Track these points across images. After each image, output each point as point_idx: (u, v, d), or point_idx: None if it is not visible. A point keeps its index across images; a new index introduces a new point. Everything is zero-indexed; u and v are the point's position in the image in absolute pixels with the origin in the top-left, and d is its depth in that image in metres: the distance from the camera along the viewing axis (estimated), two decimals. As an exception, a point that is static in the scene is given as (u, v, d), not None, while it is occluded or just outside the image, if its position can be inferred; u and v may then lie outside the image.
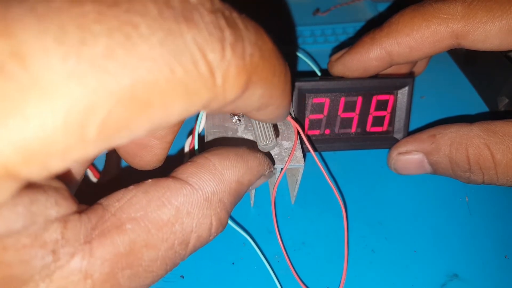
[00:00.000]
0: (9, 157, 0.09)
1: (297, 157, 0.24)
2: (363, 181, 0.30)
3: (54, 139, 0.09)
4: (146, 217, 0.15)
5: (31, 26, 0.09)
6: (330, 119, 0.30)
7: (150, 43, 0.10)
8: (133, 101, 0.10)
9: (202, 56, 0.11)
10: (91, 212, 0.14)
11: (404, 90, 0.30)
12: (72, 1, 0.10)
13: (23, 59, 0.09)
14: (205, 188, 0.16)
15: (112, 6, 0.10)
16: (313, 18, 0.44)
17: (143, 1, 0.10)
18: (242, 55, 0.12)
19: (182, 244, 0.16)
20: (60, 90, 0.09)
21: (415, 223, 0.28)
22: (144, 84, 0.10)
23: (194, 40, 0.11)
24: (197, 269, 0.25)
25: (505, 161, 0.24)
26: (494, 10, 0.24)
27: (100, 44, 0.10)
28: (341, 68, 0.29)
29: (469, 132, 0.25)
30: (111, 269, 0.14)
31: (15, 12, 0.09)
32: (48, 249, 0.13)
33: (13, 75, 0.09)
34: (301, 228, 0.27)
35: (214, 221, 0.17)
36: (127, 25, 0.10)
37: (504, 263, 0.26)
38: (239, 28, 0.12)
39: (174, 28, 0.10)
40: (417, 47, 0.26)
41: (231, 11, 0.12)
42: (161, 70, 0.10)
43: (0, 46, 0.09)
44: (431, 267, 0.26)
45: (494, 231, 0.28)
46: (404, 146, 0.28)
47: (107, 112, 0.10)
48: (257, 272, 0.25)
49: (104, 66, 0.10)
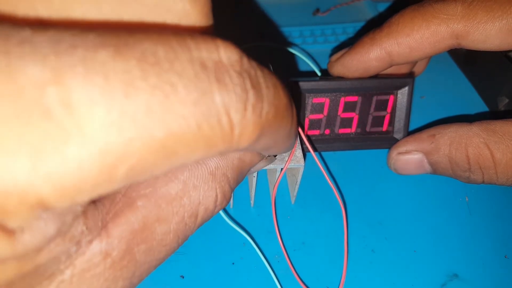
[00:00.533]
0: (44, 191, 0.10)
1: (297, 157, 0.24)
2: (363, 181, 0.30)
3: (86, 179, 0.10)
4: (155, 192, 0.16)
5: (79, 76, 0.10)
6: (330, 119, 0.30)
7: (185, 103, 0.11)
8: (162, 151, 0.11)
9: (226, 115, 0.12)
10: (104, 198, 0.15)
11: (404, 90, 0.30)
12: (117, 55, 0.10)
13: (70, 106, 0.10)
14: (209, 163, 0.17)
15: (154, 64, 0.11)
16: (313, 18, 0.44)
17: (182, 61, 0.11)
18: (260, 113, 0.13)
19: (192, 216, 0.17)
20: (100, 137, 0.10)
21: (415, 223, 0.28)
22: (174, 137, 0.11)
23: (222, 101, 0.12)
24: (197, 269, 0.25)
25: (505, 160, 0.24)
26: (494, 10, 0.24)
27: (141, 100, 0.10)
28: (341, 69, 0.29)
29: (468, 132, 0.25)
30: (128, 245, 0.15)
31: (65, 62, 0.10)
32: (74, 242, 0.13)
33: (59, 119, 0.10)
34: (301, 228, 0.27)
35: (219, 193, 0.17)
36: (166, 84, 0.11)
37: (504, 263, 0.26)
38: (261, 88, 0.13)
39: (207, 89, 0.11)
40: (417, 47, 0.26)
41: (256, 70, 0.13)
42: (190, 126, 0.11)
43: (50, 91, 0.10)
44: (431, 267, 0.26)
45: (494, 231, 0.28)
46: (404, 146, 0.28)
47: (137, 158, 0.11)
48: (257, 272, 0.25)
49: (142, 120, 0.10)
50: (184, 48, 0.11)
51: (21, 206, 0.10)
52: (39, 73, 0.10)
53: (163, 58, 0.11)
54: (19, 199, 0.10)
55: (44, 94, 0.09)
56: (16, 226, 0.11)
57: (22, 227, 0.11)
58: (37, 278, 0.13)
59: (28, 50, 0.10)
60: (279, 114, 0.14)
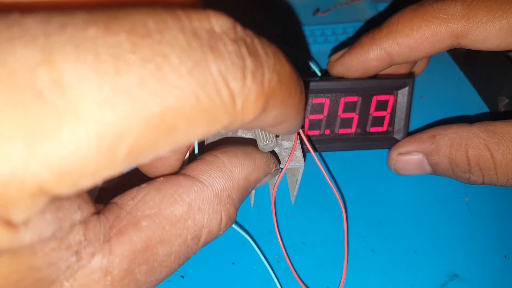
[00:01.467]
0: (43, 177, 0.10)
1: (297, 157, 0.24)
2: (363, 181, 0.30)
3: (86, 161, 0.10)
4: (160, 214, 0.15)
5: (69, 55, 0.10)
6: (330, 119, 0.30)
7: (179, 73, 0.11)
8: (161, 126, 0.11)
9: (225, 84, 0.11)
10: (108, 212, 0.15)
11: (404, 90, 0.30)
12: (106, 31, 0.10)
13: (61, 86, 0.09)
14: (215, 185, 0.17)
15: (145, 36, 0.10)
16: (313, 18, 0.44)
17: (173, 32, 0.11)
18: (261, 81, 0.12)
19: (195, 239, 0.16)
20: (94, 116, 0.10)
21: (415, 223, 0.28)
22: (172, 110, 0.11)
23: (218, 69, 0.11)
24: (197, 269, 0.25)
25: (505, 161, 0.24)
26: (494, 10, 0.24)
27: (133, 73, 0.10)
28: (341, 69, 0.29)
29: (469, 133, 0.25)
30: (129, 265, 0.15)
31: (55, 42, 0.10)
32: (72, 251, 0.13)
33: (51, 100, 0.09)
34: (301, 228, 0.27)
35: (224, 216, 0.17)
36: (158, 55, 0.10)
37: (504, 263, 0.26)
38: (259, 55, 0.12)
39: (201, 58, 0.11)
40: (417, 47, 0.26)
41: (252, 38, 0.13)
42: (187, 98, 0.11)
43: (41, 73, 0.09)
44: (431, 267, 0.26)
45: (494, 231, 0.28)
46: (404, 147, 0.28)
47: (136, 136, 0.10)
48: (257, 272, 0.25)
49: (136, 94, 0.10)
50: (174, 19, 0.11)
51: (21, 194, 0.10)
52: (29, 55, 0.09)
53: (153, 30, 0.11)
54: (19, 187, 0.09)
55: (35, 76, 0.09)
56: (20, 221, 0.11)
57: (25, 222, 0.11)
58: (36, 285, 0.13)
59: (17, 32, 0.09)
60: (283, 82, 0.13)
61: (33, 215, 0.11)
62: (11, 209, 0.10)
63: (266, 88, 0.12)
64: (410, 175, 0.29)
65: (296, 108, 0.16)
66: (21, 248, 0.11)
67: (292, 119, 0.16)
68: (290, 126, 0.17)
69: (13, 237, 0.11)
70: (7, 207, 0.10)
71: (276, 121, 0.15)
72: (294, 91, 0.15)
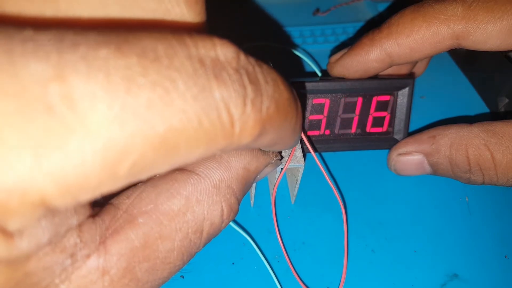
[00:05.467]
0: (46, 189, 0.10)
1: (297, 157, 0.24)
2: (363, 181, 0.30)
3: (89, 175, 0.10)
4: (156, 209, 0.15)
5: (81, 72, 0.10)
6: (330, 119, 0.30)
7: (185, 98, 0.11)
8: (163, 146, 0.11)
9: (226, 110, 0.12)
10: (104, 213, 0.15)
11: (404, 91, 0.30)
12: (117, 52, 0.11)
13: (72, 101, 0.10)
14: (212, 176, 0.17)
15: (154, 61, 0.11)
16: (313, 18, 0.44)
17: (181, 58, 0.11)
18: (260, 108, 0.13)
19: (197, 232, 0.16)
20: (102, 132, 0.10)
21: (415, 223, 0.28)
22: (175, 131, 0.11)
23: (221, 96, 0.12)
24: (197, 269, 0.25)
25: (505, 161, 0.24)
26: (495, 10, 0.24)
27: (143, 95, 0.10)
28: (341, 70, 0.29)
29: (469, 133, 0.25)
30: (128, 263, 0.14)
31: (68, 59, 0.10)
32: (67, 254, 0.13)
33: (61, 115, 0.10)
34: (301, 228, 0.28)
35: (225, 207, 0.17)
36: (166, 80, 0.11)
37: (504, 263, 0.26)
38: (259, 83, 0.13)
39: (206, 85, 0.11)
40: (418, 48, 0.26)
41: (253, 66, 0.13)
42: (191, 121, 0.11)
43: (53, 88, 0.10)
44: (431, 267, 0.26)
45: (494, 231, 0.28)
46: (404, 147, 0.28)
47: (139, 154, 0.11)
48: (257, 272, 0.25)
49: (143, 114, 0.11)
50: (182, 46, 0.12)
51: (22, 205, 0.10)
52: (42, 70, 0.10)
53: (162, 55, 0.11)
54: (21, 197, 0.10)
55: (47, 90, 0.10)
56: (16, 229, 0.11)
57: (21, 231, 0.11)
58: None
59: (31, 48, 0.10)
60: (281, 109, 0.14)
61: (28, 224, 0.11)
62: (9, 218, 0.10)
63: (264, 115, 0.13)
64: (410, 176, 0.29)
65: (292, 131, 0.16)
66: (19, 257, 0.11)
67: (286, 140, 0.17)
68: (284, 146, 0.18)
69: (9, 246, 0.11)
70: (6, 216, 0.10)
71: (272, 143, 0.16)
72: (291, 116, 0.15)
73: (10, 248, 0.11)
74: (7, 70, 0.09)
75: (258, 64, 0.13)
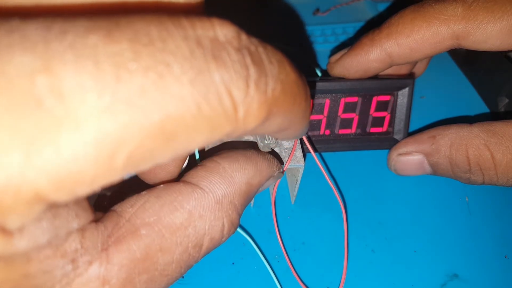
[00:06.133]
0: (40, 184, 0.10)
1: (297, 157, 0.24)
2: (363, 181, 0.30)
3: (84, 169, 0.10)
4: (159, 221, 0.15)
5: (69, 62, 0.10)
6: (330, 119, 0.30)
7: (181, 82, 0.10)
8: (160, 135, 0.11)
9: (227, 93, 0.11)
10: (107, 220, 0.15)
11: (404, 91, 0.30)
12: (107, 38, 0.10)
13: (60, 94, 0.09)
14: (216, 191, 0.17)
15: (147, 45, 0.10)
16: (313, 18, 0.44)
17: (176, 40, 0.11)
18: (265, 90, 0.12)
19: (196, 246, 0.16)
20: (93, 124, 0.10)
21: (415, 223, 0.28)
22: (172, 119, 0.11)
23: (221, 78, 0.11)
24: (197, 269, 0.25)
25: (505, 161, 0.24)
26: (495, 11, 0.24)
27: (134, 82, 0.10)
28: (341, 70, 0.29)
29: (469, 133, 0.25)
30: (128, 274, 0.14)
31: (55, 49, 0.09)
32: (68, 259, 0.13)
33: (50, 108, 0.09)
34: (301, 228, 0.28)
35: (226, 223, 0.17)
36: (160, 64, 0.10)
37: (504, 263, 0.26)
38: (263, 64, 0.12)
39: (204, 67, 0.11)
40: (418, 48, 0.26)
41: (256, 46, 0.13)
42: (189, 107, 0.11)
43: (40, 81, 0.09)
44: (431, 267, 0.26)
45: (494, 231, 0.28)
46: (404, 147, 0.28)
47: (136, 144, 0.10)
48: (257, 272, 0.25)
49: (136, 103, 0.10)
50: (178, 27, 0.11)
51: (17, 202, 0.10)
52: (28, 62, 0.09)
53: (156, 38, 0.10)
54: (15, 194, 0.09)
55: (34, 83, 0.09)
56: (16, 227, 0.10)
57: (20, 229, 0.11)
58: None
59: (17, 39, 0.09)
60: (288, 90, 0.13)
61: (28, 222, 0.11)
62: (6, 216, 0.10)
63: (269, 97, 0.12)
64: (410, 176, 0.29)
65: (301, 115, 0.15)
66: (15, 255, 0.11)
67: (296, 126, 0.16)
68: (294, 132, 0.17)
69: (7, 244, 0.11)
70: (2, 214, 0.10)
71: (280, 128, 0.15)
72: (299, 98, 0.14)
73: (8, 245, 0.11)
74: None
75: (261, 44, 0.13)
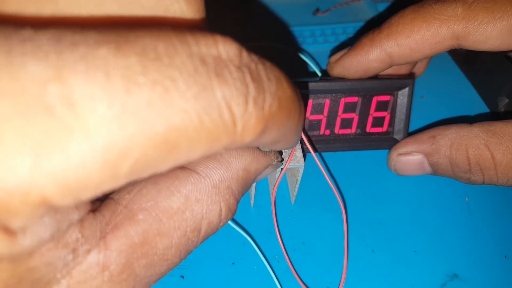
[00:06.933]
0: (48, 188, 0.10)
1: (297, 157, 0.24)
2: (363, 181, 0.30)
3: (90, 175, 0.10)
4: (156, 206, 0.16)
5: (80, 73, 0.10)
6: (330, 119, 0.30)
7: (185, 97, 0.11)
8: (164, 145, 0.11)
9: (227, 109, 0.12)
10: (104, 208, 0.15)
11: (404, 91, 0.30)
12: (117, 51, 0.10)
13: (71, 102, 0.10)
14: (212, 176, 0.17)
15: (154, 60, 0.11)
16: (313, 18, 0.44)
17: (182, 57, 0.11)
18: (262, 106, 0.13)
19: (194, 231, 0.16)
20: (102, 132, 0.10)
21: (415, 223, 0.28)
22: (176, 131, 0.11)
23: (222, 95, 0.12)
24: (197, 269, 0.25)
25: (505, 161, 0.24)
26: (495, 11, 0.24)
27: (143, 94, 0.10)
28: (341, 70, 0.29)
29: (469, 133, 0.25)
30: (127, 259, 0.15)
31: (66, 59, 0.10)
32: (69, 249, 0.13)
33: (61, 115, 0.10)
34: (301, 228, 0.28)
35: (223, 207, 0.17)
36: (167, 79, 0.11)
37: (504, 263, 0.26)
38: (262, 81, 0.13)
39: (207, 84, 0.11)
40: (418, 48, 0.26)
41: (256, 63, 0.13)
42: (192, 120, 0.11)
43: (52, 89, 0.10)
44: (431, 267, 0.26)
45: (494, 231, 0.28)
46: (404, 147, 0.28)
47: (140, 153, 0.11)
48: (257, 272, 0.25)
49: (143, 114, 0.10)
50: (183, 44, 0.11)
51: (24, 205, 0.10)
52: (41, 70, 0.10)
53: (163, 54, 0.11)
54: (23, 198, 0.10)
55: (46, 91, 0.10)
56: (18, 227, 0.11)
57: (24, 228, 0.11)
58: (33, 285, 0.13)
59: (30, 48, 0.10)
60: (284, 107, 0.14)
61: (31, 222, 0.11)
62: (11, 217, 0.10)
63: (266, 112, 0.13)
64: (410, 176, 0.29)
65: (294, 129, 0.16)
66: (22, 254, 0.11)
67: (289, 138, 0.17)
68: (286, 144, 0.18)
69: (12, 244, 0.11)
70: (8, 216, 0.10)
71: (274, 141, 0.15)
72: (293, 114, 0.15)
73: (13, 245, 0.11)
74: (6, 71, 0.09)
75: (261, 61, 0.13)
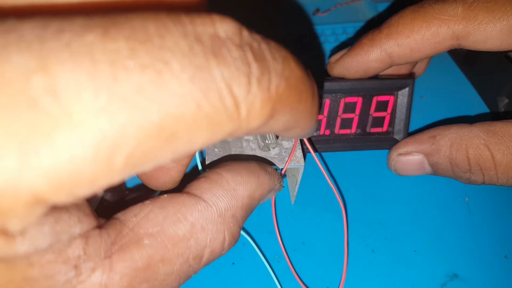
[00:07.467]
0: (39, 186, 0.09)
1: (297, 157, 0.24)
2: (363, 181, 0.30)
3: (82, 170, 0.10)
4: (162, 232, 0.15)
5: (65, 62, 0.09)
6: (330, 119, 0.30)
7: (180, 80, 0.10)
8: (160, 134, 0.10)
9: (228, 91, 0.11)
10: (110, 227, 0.15)
11: (404, 91, 0.30)
12: (104, 36, 0.10)
13: (56, 94, 0.09)
14: (219, 204, 0.17)
15: (144, 42, 0.10)
16: (313, 18, 0.44)
17: (175, 36, 0.10)
18: (268, 87, 0.12)
19: (196, 258, 0.16)
20: (90, 124, 0.09)
21: (415, 223, 0.28)
22: (172, 118, 0.10)
23: (221, 75, 0.11)
24: (197, 269, 0.25)
25: (505, 161, 0.24)
26: (495, 11, 0.24)
27: (132, 80, 0.10)
28: (341, 70, 0.29)
29: (469, 133, 0.25)
30: (129, 283, 0.14)
31: (50, 48, 0.09)
32: (71, 265, 0.13)
33: (46, 108, 0.09)
34: (301, 228, 0.28)
35: (227, 236, 0.17)
36: (158, 62, 0.10)
37: (504, 263, 0.26)
38: (266, 60, 0.12)
39: (204, 64, 0.11)
40: (418, 48, 0.26)
41: (259, 42, 0.12)
42: (188, 105, 0.10)
43: (36, 81, 0.09)
44: (431, 267, 0.26)
45: (494, 231, 0.28)
46: (404, 147, 0.28)
47: (135, 144, 0.10)
48: (257, 272, 0.25)
49: (134, 102, 0.10)
50: (177, 23, 0.11)
51: (16, 204, 0.09)
52: (24, 62, 0.09)
53: (154, 35, 0.10)
54: (13, 197, 0.09)
55: (30, 83, 0.09)
56: (17, 230, 0.10)
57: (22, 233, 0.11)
58: None
59: (13, 39, 0.09)
60: (293, 87, 0.13)
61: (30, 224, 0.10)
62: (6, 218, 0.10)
63: (273, 94, 0.12)
64: (410, 176, 0.29)
65: (308, 113, 0.15)
66: (17, 257, 0.11)
67: (304, 124, 0.16)
68: (302, 131, 0.17)
69: (9, 247, 0.11)
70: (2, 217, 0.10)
71: (287, 127, 0.15)
72: (305, 96, 0.14)
73: (10, 248, 0.11)
74: None
75: (264, 40, 0.12)
